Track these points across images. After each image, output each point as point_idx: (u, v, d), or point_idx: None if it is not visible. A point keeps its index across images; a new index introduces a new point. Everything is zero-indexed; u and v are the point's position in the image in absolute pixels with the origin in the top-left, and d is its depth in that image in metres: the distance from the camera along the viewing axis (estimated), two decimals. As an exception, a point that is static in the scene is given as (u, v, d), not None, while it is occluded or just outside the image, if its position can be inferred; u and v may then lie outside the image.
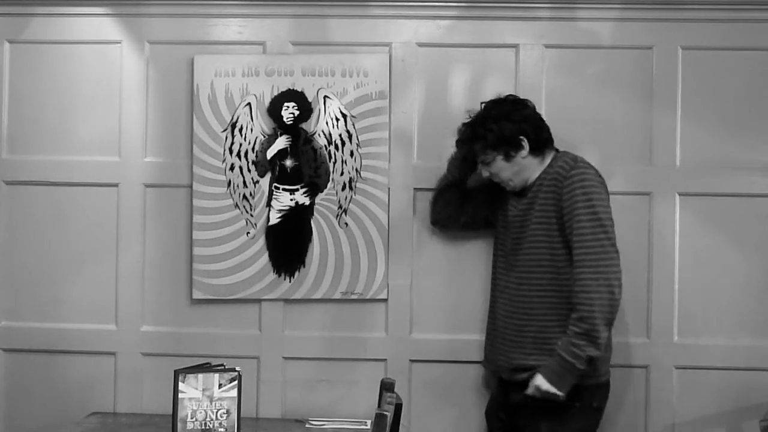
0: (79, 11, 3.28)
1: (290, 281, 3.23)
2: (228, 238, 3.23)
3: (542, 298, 2.83)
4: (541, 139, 2.88)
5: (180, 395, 2.76)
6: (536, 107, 2.96)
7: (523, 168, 2.87)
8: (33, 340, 3.30)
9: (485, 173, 2.94)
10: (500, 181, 2.93)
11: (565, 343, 2.71)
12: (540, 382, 2.72)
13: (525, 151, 2.85)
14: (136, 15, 3.27)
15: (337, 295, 3.23)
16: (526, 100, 2.95)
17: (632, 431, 3.19)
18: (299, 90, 3.22)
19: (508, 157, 2.86)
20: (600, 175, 2.82)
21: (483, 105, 2.95)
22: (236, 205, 3.24)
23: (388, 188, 3.23)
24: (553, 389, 2.70)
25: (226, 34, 3.27)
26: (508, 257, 2.94)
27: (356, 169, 3.22)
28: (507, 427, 2.96)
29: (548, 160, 2.89)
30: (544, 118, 2.98)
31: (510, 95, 2.97)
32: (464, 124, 2.97)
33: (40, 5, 3.28)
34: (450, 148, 3.20)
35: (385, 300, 3.23)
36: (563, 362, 2.69)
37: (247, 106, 3.23)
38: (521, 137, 2.84)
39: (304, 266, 3.23)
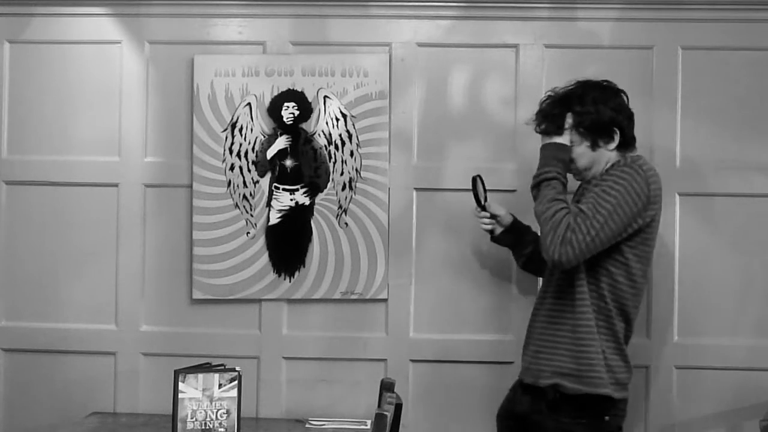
0: (79, 11, 3.28)
1: (290, 281, 3.23)
2: (228, 238, 3.23)
3: (580, 302, 2.63)
4: (631, 135, 2.68)
5: (180, 395, 2.76)
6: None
7: (603, 160, 2.67)
8: (33, 340, 3.30)
9: None
10: (574, 168, 2.72)
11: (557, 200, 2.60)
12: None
13: (614, 144, 2.65)
14: (136, 15, 3.27)
15: (337, 295, 3.23)
16: (621, 89, 2.72)
17: (632, 431, 3.19)
18: (299, 90, 3.22)
19: (594, 146, 2.66)
20: (653, 183, 2.58)
21: (579, 82, 2.70)
22: (236, 205, 3.24)
23: (388, 188, 3.23)
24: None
25: (226, 34, 3.27)
26: None
27: (356, 169, 3.23)
28: None
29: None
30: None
31: (605, 81, 2.72)
32: (550, 95, 2.74)
33: (40, 5, 3.28)
34: (450, 148, 3.21)
35: (385, 300, 3.23)
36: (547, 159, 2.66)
37: (247, 106, 3.23)
38: (615, 128, 2.64)
39: (304, 266, 3.23)
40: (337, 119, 3.23)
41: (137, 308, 3.28)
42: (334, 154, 3.23)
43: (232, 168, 3.23)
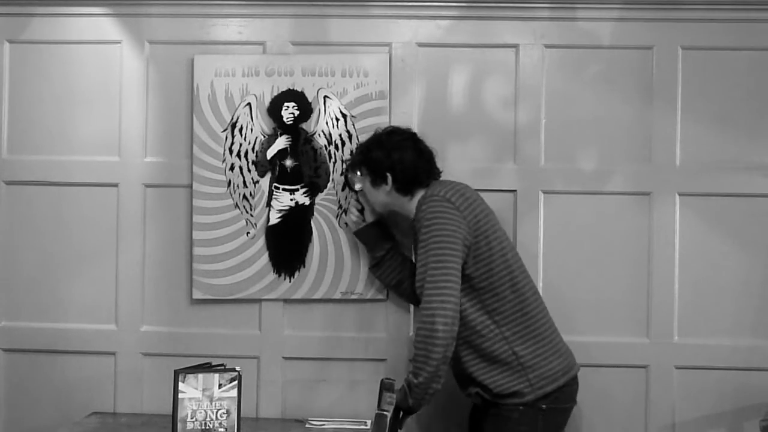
0: (79, 11, 3.28)
1: (290, 281, 3.23)
2: (228, 238, 3.23)
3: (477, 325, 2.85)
4: (410, 182, 2.90)
5: (180, 395, 2.76)
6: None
7: (389, 200, 2.95)
8: (33, 340, 3.30)
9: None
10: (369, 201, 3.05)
11: None
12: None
13: (388, 187, 2.91)
14: (136, 15, 3.27)
15: (337, 295, 3.23)
16: (422, 143, 2.95)
17: (632, 431, 3.19)
18: (299, 90, 3.22)
19: (374, 184, 2.95)
20: (449, 200, 2.78)
21: (382, 129, 3.01)
22: (236, 205, 3.24)
23: (388, 188, 3.23)
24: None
25: (226, 34, 3.27)
26: None
27: (356, 169, 3.22)
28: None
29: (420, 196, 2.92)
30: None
31: (409, 131, 2.99)
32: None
33: (40, 5, 3.28)
34: (450, 148, 3.21)
35: (385, 300, 3.24)
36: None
37: (247, 106, 3.23)
38: (387, 173, 2.90)
39: (304, 266, 3.23)
40: (337, 119, 3.23)
41: (137, 308, 3.28)
42: (334, 154, 3.23)
43: (232, 168, 3.23)
